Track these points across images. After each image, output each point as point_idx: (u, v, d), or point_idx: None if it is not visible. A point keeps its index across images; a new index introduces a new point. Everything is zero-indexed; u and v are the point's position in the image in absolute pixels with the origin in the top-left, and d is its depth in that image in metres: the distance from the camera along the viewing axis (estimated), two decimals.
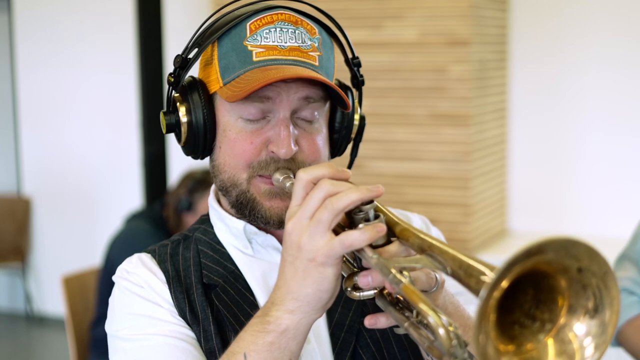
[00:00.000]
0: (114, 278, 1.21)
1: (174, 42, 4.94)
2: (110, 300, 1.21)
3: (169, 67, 4.66)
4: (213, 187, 1.28)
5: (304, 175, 1.00)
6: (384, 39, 3.86)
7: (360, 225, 0.97)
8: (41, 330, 5.80)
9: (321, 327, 1.19)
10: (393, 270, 0.93)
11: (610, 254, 4.05)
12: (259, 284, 1.20)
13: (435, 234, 1.34)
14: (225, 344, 1.12)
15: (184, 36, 5.20)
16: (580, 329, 0.85)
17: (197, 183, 3.29)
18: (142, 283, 1.18)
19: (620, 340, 1.98)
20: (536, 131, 4.30)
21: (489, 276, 0.83)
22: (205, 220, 1.30)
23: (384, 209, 1.02)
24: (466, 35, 3.71)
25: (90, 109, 5.63)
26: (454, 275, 0.90)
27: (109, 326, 1.19)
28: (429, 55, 3.80)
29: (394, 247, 0.98)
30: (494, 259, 3.85)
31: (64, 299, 3.22)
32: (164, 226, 3.29)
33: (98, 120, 5.61)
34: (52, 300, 5.78)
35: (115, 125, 5.55)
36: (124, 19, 5.27)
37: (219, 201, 1.27)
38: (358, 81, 1.30)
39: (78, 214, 5.72)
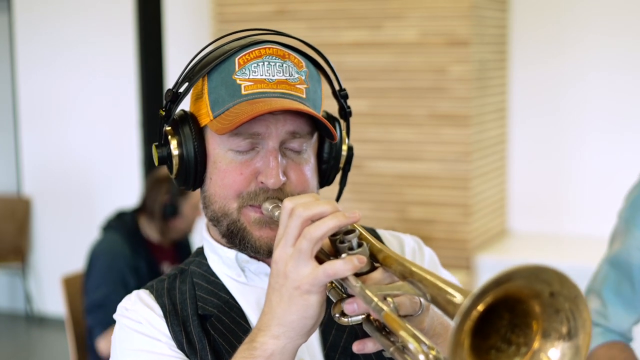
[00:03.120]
0: (114, 316, 1.25)
1: (174, 43, 4.95)
2: (112, 338, 1.24)
3: (169, 67, 4.66)
4: (205, 220, 1.30)
5: (289, 204, 1.03)
6: (384, 39, 3.86)
7: (343, 255, 1.01)
8: (41, 331, 5.80)
9: (316, 348, 1.21)
10: (375, 299, 0.96)
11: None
12: (254, 310, 1.23)
13: (428, 255, 1.37)
14: None
15: (184, 36, 5.16)
16: (555, 353, 0.87)
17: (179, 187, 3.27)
18: (140, 319, 1.21)
19: None
20: (536, 131, 4.30)
21: (462, 305, 0.85)
22: (200, 252, 1.33)
23: (368, 237, 1.05)
24: (466, 36, 3.72)
25: (90, 109, 5.64)
26: (434, 302, 0.93)
27: None
28: (429, 55, 3.80)
29: (378, 274, 1.02)
30: (493, 259, 3.86)
31: (64, 299, 3.22)
32: (139, 233, 3.29)
33: (98, 120, 5.61)
34: (52, 301, 5.78)
35: (115, 125, 5.55)
36: (124, 19, 5.27)
37: (210, 233, 1.30)
38: (345, 112, 1.33)
39: (78, 214, 5.72)
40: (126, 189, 5.45)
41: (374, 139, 3.86)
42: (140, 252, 3.20)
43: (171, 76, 4.57)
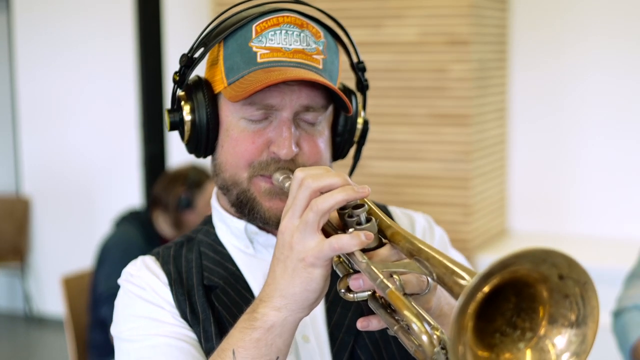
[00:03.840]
0: (119, 281, 1.23)
1: (174, 42, 4.94)
2: (116, 302, 1.23)
3: (168, 67, 4.66)
4: (215, 188, 1.28)
5: (300, 174, 1.01)
6: (384, 39, 3.85)
7: (350, 230, 0.99)
8: (40, 331, 5.79)
9: (320, 325, 1.20)
10: (380, 276, 0.94)
11: (610, 254, 4.02)
12: (259, 283, 1.21)
13: (438, 234, 1.38)
14: None
15: (184, 36, 5.15)
16: (561, 339, 0.86)
17: (196, 181, 3.31)
18: (144, 285, 1.20)
19: (635, 356, 1.97)
20: (536, 131, 4.30)
21: (467, 286, 0.83)
22: (208, 221, 1.31)
23: (377, 212, 1.03)
24: (466, 35, 3.71)
25: (89, 109, 5.63)
26: (440, 281, 0.91)
27: (114, 328, 1.21)
28: (429, 55, 3.80)
29: (385, 250, 1.00)
30: (494, 259, 3.85)
31: (64, 299, 3.22)
32: (152, 229, 3.30)
33: (98, 119, 5.61)
34: (51, 301, 5.78)
35: (115, 125, 5.54)
36: (124, 19, 5.26)
37: (219, 201, 1.28)
38: (362, 85, 1.32)
39: (78, 214, 5.72)
40: (126, 188, 5.45)
41: (374, 138, 3.84)
42: (154, 245, 3.22)
43: (171, 76, 4.56)
